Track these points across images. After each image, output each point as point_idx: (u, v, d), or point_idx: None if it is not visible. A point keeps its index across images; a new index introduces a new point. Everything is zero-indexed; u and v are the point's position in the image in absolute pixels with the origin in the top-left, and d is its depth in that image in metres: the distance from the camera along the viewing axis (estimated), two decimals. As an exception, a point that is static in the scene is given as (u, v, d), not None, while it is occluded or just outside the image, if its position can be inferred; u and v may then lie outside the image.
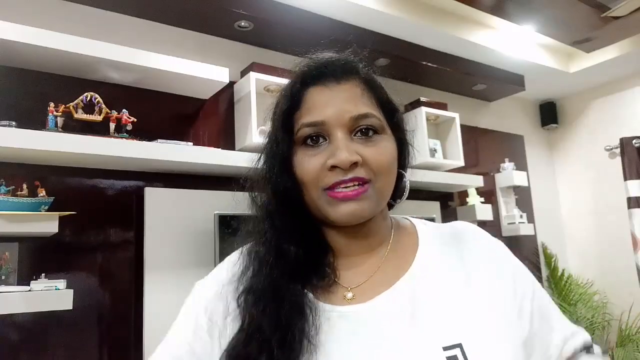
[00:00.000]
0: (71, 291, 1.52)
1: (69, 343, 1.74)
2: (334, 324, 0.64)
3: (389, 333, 0.63)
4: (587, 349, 0.72)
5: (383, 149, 0.68)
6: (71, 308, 1.50)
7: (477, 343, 0.61)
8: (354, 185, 0.65)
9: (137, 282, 1.86)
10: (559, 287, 3.44)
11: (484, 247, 0.72)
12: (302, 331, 0.61)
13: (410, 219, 0.79)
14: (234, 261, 0.73)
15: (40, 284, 1.50)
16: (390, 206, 0.77)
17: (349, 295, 0.68)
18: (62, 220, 1.58)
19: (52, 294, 1.50)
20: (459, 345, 0.61)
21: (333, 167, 0.65)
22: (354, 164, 0.64)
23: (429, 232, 0.75)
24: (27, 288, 1.48)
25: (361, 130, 0.67)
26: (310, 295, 0.66)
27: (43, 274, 1.56)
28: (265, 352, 0.59)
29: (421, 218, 0.79)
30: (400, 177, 0.74)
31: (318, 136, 0.67)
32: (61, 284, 1.52)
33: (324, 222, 0.69)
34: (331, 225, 0.70)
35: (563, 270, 3.50)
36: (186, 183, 1.99)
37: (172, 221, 1.88)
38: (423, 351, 0.60)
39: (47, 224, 1.54)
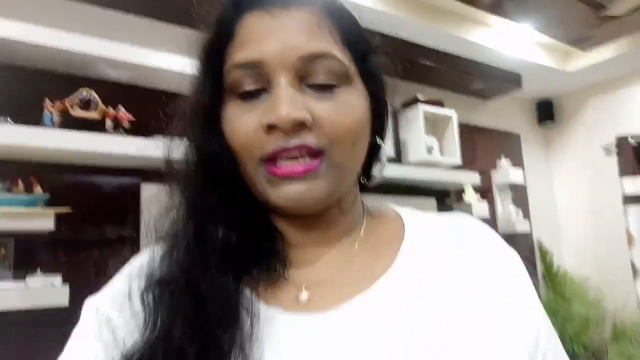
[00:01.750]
0: (67, 287, 1.53)
1: (65, 341, 1.74)
2: (280, 335, 0.45)
3: (363, 355, 0.44)
4: None
5: (345, 106, 0.47)
6: (67, 305, 1.50)
7: None
8: (302, 157, 0.46)
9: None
10: (554, 283, 3.46)
11: (494, 254, 0.53)
12: (232, 342, 0.43)
13: (394, 206, 0.60)
14: (145, 253, 0.55)
15: (36, 280, 1.51)
16: (362, 187, 0.57)
17: (304, 296, 0.48)
18: (58, 217, 1.58)
19: (48, 290, 1.50)
20: None
21: (271, 128, 0.46)
22: (301, 125, 0.45)
23: (419, 224, 0.56)
24: (23, 284, 1.48)
25: (315, 78, 0.47)
26: (248, 292, 0.47)
27: (39, 271, 1.56)
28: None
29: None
30: (373, 149, 0.55)
31: (256, 85, 0.48)
32: (57, 280, 1.52)
33: (268, 205, 0.49)
34: (277, 211, 0.50)
35: (558, 266, 3.52)
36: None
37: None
38: None
39: (44, 221, 1.55)
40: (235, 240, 0.48)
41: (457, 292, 0.49)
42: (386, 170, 0.58)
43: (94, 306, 0.53)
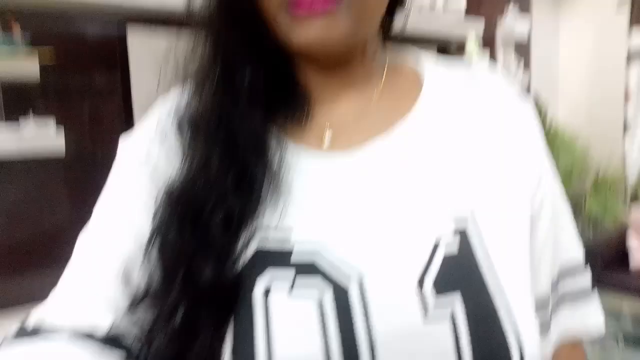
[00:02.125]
0: (62, 135, 1.52)
1: (64, 191, 1.80)
2: (305, 171, 0.47)
3: (379, 190, 0.46)
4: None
5: None
6: (63, 153, 1.51)
7: (491, 216, 0.46)
8: None
9: (128, 127, 1.86)
10: (544, 137, 3.52)
11: (508, 105, 0.53)
12: (263, 173, 0.45)
13: (417, 53, 0.59)
14: (173, 93, 0.55)
15: (29, 125, 1.49)
16: (385, 32, 0.56)
17: (328, 136, 0.50)
18: (43, 66, 1.51)
19: (42, 138, 1.50)
20: (470, 216, 0.45)
21: None
22: None
23: (440, 72, 0.55)
24: (16, 128, 1.47)
25: None
26: (276, 130, 0.49)
27: (30, 119, 1.54)
28: (216, 196, 0.43)
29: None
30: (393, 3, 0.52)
31: None
32: (51, 124, 1.51)
33: (291, 52, 0.48)
34: (299, 57, 0.50)
35: (551, 120, 3.55)
36: (173, 27, 1.88)
37: (159, 69, 1.81)
38: (424, 216, 0.45)
39: (27, 64, 1.49)
40: (262, 79, 0.48)
41: (468, 139, 0.50)
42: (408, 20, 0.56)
43: (132, 144, 0.53)
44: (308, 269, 0.41)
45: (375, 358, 0.38)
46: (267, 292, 0.40)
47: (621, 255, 3.17)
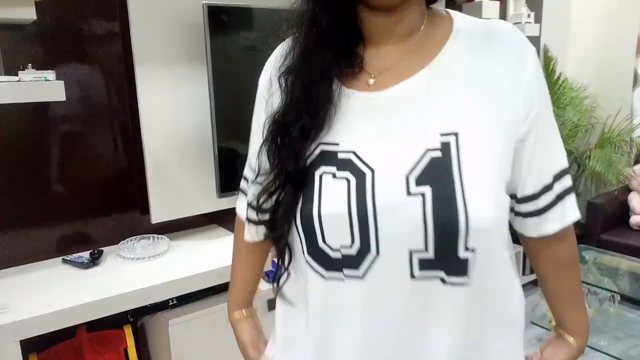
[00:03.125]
0: (62, 82, 1.49)
1: (67, 136, 1.79)
2: (353, 106, 0.72)
3: (397, 117, 0.69)
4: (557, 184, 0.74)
5: None
6: (64, 99, 1.49)
7: (472, 135, 0.66)
8: None
9: (129, 76, 1.83)
10: (553, 90, 3.46)
11: (512, 51, 0.70)
12: (326, 109, 0.71)
13: (451, 12, 0.77)
14: (280, 48, 0.81)
15: (29, 75, 1.46)
16: (428, 4, 0.75)
17: (371, 81, 0.72)
18: (41, 9, 1.47)
19: (42, 85, 1.47)
20: (455, 134, 0.66)
21: None
22: None
23: (464, 27, 0.73)
24: (16, 78, 1.44)
25: None
26: (337, 81, 0.73)
27: (30, 66, 1.51)
28: (299, 119, 0.71)
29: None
30: None
31: None
32: (50, 75, 1.48)
33: (363, 2, 0.70)
34: (368, 5, 0.70)
35: (560, 74, 3.48)
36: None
37: (158, 13, 1.75)
38: (422, 134, 0.67)
39: (24, 9, 1.44)
40: (335, 24, 0.71)
41: (475, 82, 0.69)
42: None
43: (260, 84, 0.84)
44: (344, 165, 0.69)
45: (376, 217, 0.65)
46: (321, 176, 0.69)
47: (622, 214, 3.19)
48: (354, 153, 0.69)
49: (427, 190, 0.64)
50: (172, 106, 1.83)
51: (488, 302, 0.70)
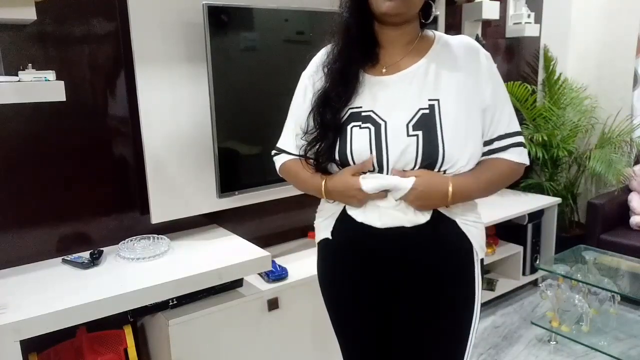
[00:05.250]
0: (62, 82, 1.49)
1: (67, 136, 1.79)
2: (371, 85, 1.12)
3: (400, 90, 1.10)
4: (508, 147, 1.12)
5: None
6: (64, 99, 1.49)
7: (448, 101, 1.07)
8: None
9: (129, 76, 1.83)
10: (553, 91, 3.46)
11: (470, 52, 1.12)
12: (354, 86, 1.12)
13: (435, 32, 1.18)
14: (325, 49, 1.20)
15: (29, 75, 1.46)
16: (422, 25, 1.16)
17: (384, 70, 1.13)
18: (41, 9, 1.47)
19: (42, 85, 1.47)
20: (437, 100, 1.07)
21: None
22: None
23: (443, 39, 1.15)
24: (16, 78, 1.44)
25: None
26: (362, 71, 1.13)
27: (30, 66, 1.51)
28: (333, 90, 1.12)
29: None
30: (428, 5, 1.13)
31: None
32: (50, 75, 1.48)
33: (378, 19, 1.10)
34: (382, 22, 1.11)
35: (560, 74, 3.48)
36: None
37: (158, 13, 1.75)
38: (416, 99, 1.08)
39: (24, 9, 1.44)
40: (361, 33, 1.12)
41: (448, 71, 1.10)
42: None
43: (307, 71, 1.23)
44: (366, 120, 1.09)
45: (387, 151, 1.07)
46: (352, 127, 1.10)
47: (622, 214, 3.19)
48: (372, 111, 1.10)
49: (419, 133, 1.05)
50: (172, 106, 1.83)
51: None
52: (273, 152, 1.28)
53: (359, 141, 1.08)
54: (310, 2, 1.98)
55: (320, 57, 1.20)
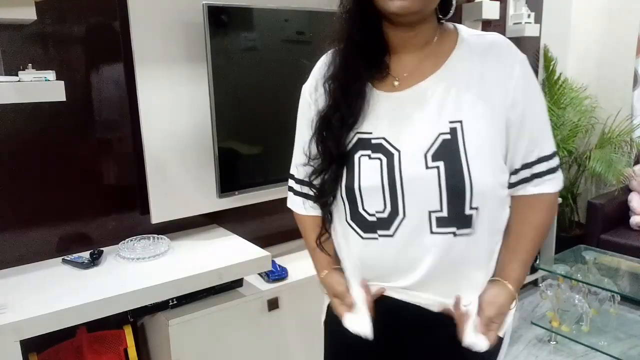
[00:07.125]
0: (62, 82, 1.49)
1: (67, 136, 1.79)
2: (381, 103, 0.92)
3: (416, 110, 0.89)
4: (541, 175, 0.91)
5: None
6: (64, 99, 1.49)
7: (473, 123, 0.86)
8: None
9: (129, 76, 1.83)
10: (553, 91, 3.46)
11: (503, 59, 0.88)
12: (361, 106, 0.92)
13: (457, 26, 0.95)
14: (324, 59, 1.00)
15: (29, 75, 1.46)
16: (439, 20, 0.93)
17: (396, 83, 0.92)
18: (41, 9, 1.47)
19: (42, 85, 1.47)
20: (460, 122, 0.86)
21: None
22: None
23: (467, 39, 0.91)
24: (16, 78, 1.44)
25: None
26: (370, 85, 0.93)
27: (30, 66, 1.50)
28: (339, 113, 0.92)
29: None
30: None
31: None
32: (50, 75, 1.48)
33: (386, 18, 0.88)
34: (392, 23, 0.89)
35: (560, 74, 3.48)
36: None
37: (158, 13, 1.75)
38: (435, 121, 0.87)
39: (24, 9, 1.44)
40: (368, 59, 0.92)
41: (475, 83, 0.87)
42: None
43: (305, 90, 1.02)
44: (377, 148, 0.90)
45: (402, 187, 0.87)
46: (360, 158, 0.91)
47: (622, 214, 3.19)
48: (384, 139, 0.90)
49: (440, 164, 0.85)
50: (172, 106, 1.83)
51: (482, 245, 0.91)
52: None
53: (368, 177, 0.89)
54: (310, 2, 1.98)
55: (319, 70, 1.00)
